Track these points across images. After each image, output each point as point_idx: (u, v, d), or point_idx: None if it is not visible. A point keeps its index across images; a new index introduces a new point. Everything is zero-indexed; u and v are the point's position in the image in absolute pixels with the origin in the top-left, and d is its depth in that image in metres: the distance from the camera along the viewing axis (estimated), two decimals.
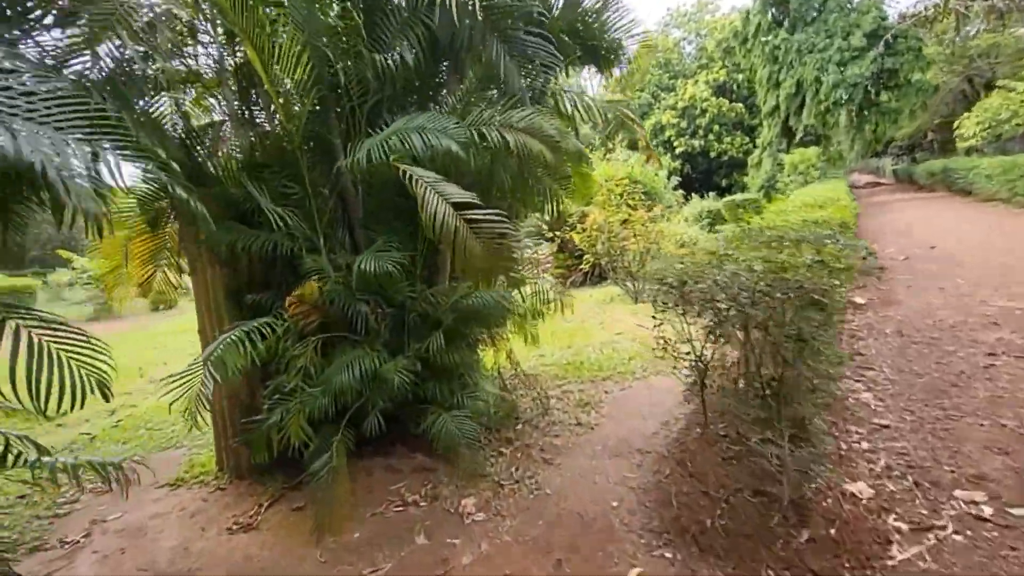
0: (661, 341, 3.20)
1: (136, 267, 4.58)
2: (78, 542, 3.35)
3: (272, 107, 3.59)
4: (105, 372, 1.63)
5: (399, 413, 3.70)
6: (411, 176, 2.96)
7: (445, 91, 3.84)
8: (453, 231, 2.85)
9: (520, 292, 4.20)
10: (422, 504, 3.22)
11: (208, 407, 2.74)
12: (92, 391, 1.51)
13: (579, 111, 4.08)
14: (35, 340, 1.43)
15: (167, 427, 5.40)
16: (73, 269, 17.54)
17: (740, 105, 28.91)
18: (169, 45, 3.43)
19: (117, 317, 15.24)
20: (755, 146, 27.02)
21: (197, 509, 3.62)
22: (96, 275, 4.66)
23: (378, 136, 3.19)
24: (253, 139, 3.61)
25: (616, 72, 4.56)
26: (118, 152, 1.69)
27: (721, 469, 2.82)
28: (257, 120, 3.80)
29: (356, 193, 3.70)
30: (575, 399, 4.61)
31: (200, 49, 3.82)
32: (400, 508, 3.21)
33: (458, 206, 2.90)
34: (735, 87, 29.94)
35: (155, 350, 9.91)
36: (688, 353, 3.09)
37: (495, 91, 3.82)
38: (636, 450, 3.55)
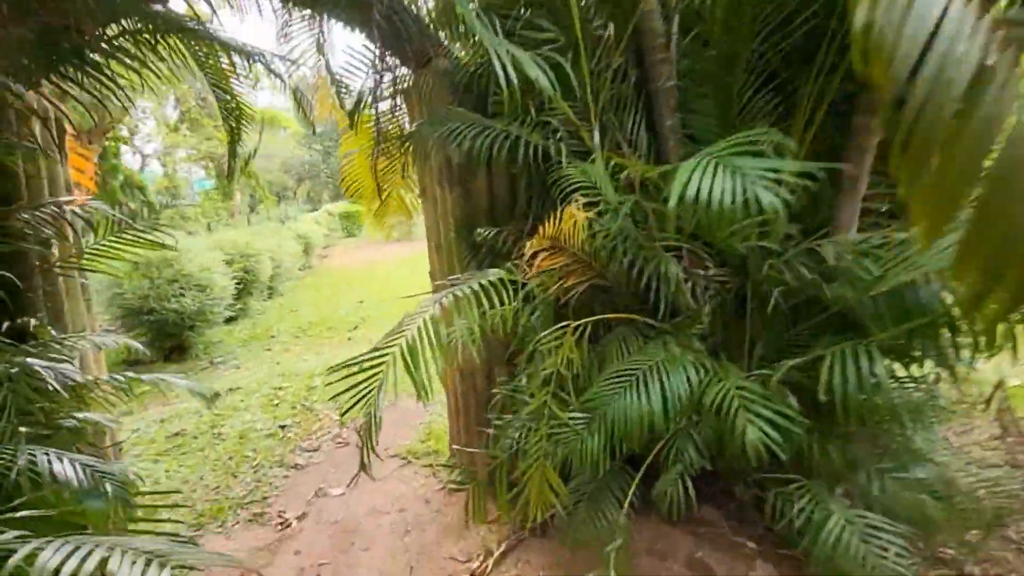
0: None
1: (372, 185, 3.78)
2: (291, 524, 2.75)
3: None
4: None
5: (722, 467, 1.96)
6: None
7: None
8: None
9: None
10: None
11: (376, 439, 1.49)
12: None
13: None
14: None
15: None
16: None
17: None
18: None
19: (417, 240, 17.19)
20: None
21: (415, 520, 2.71)
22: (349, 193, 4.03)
23: None
24: None
25: None
26: None
27: None
28: None
29: (667, 40, 1.86)
30: None
31: None
32: None
33: None
34: None
35: None
36: None
37: None
38: None
